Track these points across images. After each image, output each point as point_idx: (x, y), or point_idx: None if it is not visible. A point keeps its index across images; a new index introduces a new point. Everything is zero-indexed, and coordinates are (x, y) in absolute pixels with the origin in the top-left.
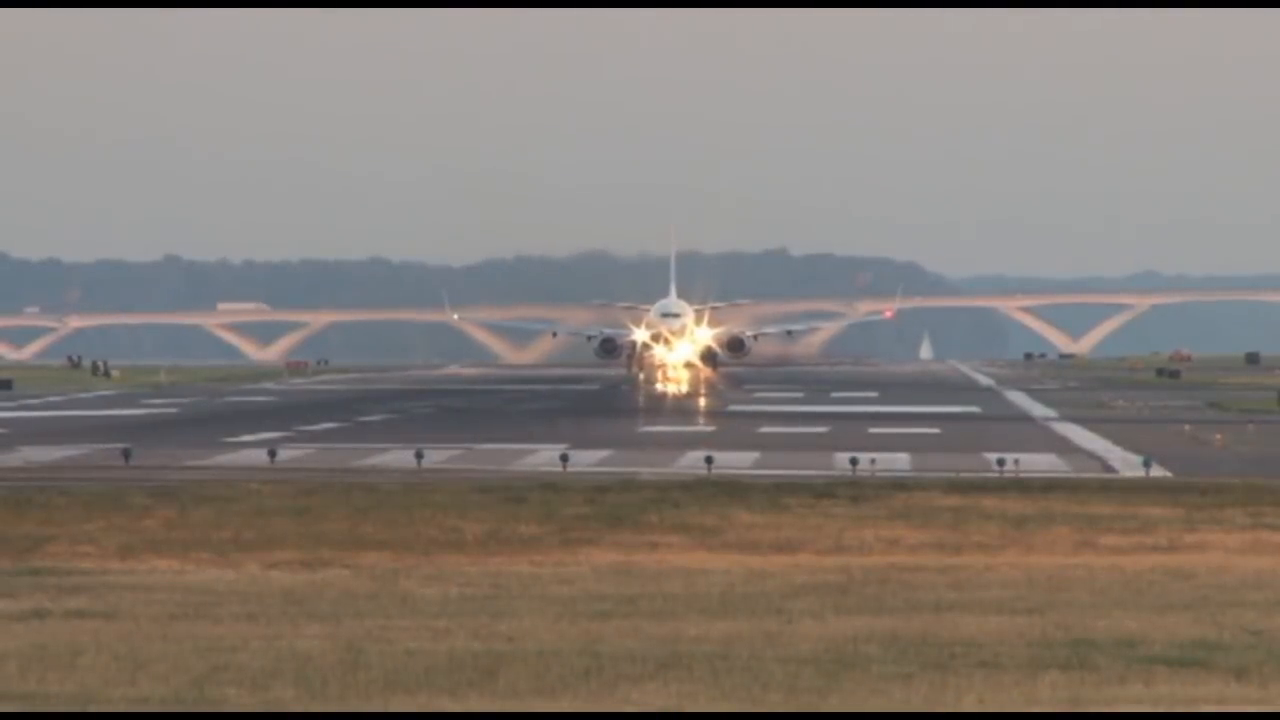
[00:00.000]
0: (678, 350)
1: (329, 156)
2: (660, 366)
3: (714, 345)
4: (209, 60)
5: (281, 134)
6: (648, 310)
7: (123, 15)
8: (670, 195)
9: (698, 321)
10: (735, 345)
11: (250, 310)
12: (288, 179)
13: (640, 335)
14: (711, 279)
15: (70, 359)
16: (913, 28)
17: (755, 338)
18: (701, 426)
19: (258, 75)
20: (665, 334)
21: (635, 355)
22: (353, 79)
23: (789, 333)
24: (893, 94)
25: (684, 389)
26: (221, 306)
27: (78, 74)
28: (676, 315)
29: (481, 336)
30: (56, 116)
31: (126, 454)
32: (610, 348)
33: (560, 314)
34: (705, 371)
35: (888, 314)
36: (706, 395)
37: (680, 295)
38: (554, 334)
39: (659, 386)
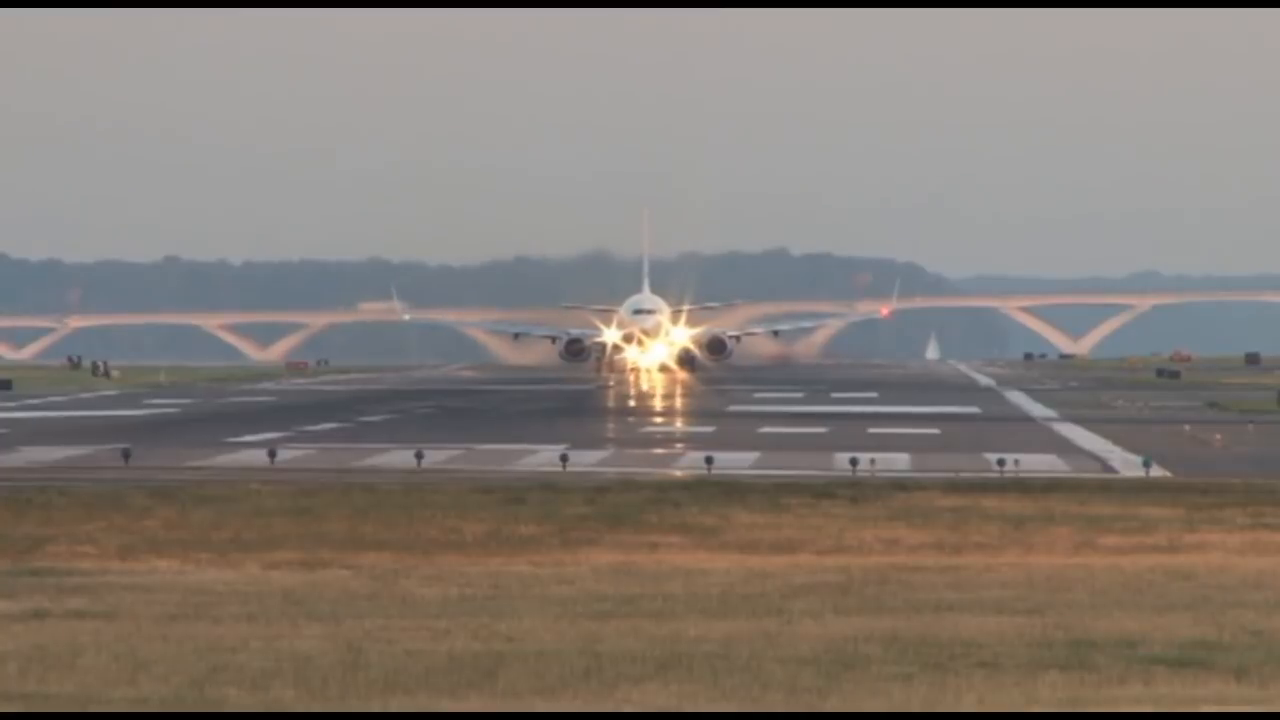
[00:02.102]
0: (652, 351)
1: (329, 157)
2: (633, 370)
3: (691, 347)
4: (209, 60)
5: (282, 134)
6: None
7: (123, 15)
8: (670, 195)
9: (674, 321)
10: (715, 346)
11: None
12: (288, 179)
13: (611, 336)
14: (688, 279)
15: (70, 359)
16: (913, 27)
17: (738, 339)
18: (701, 427)
19: (258, 75)
20: (638, 334)
21: (605, 358)
22: (354, 79)
23: (775, 333)
24: (893, 93)
25: (657, 393)
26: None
27: (78, 74)
28: (650, 311)
29: (481, 338)
30: (57, 116)
31: (126, 454)
32: (577, 349)
33: (537, 316)
34: (681, 375)
35: (884, 312)
36: (682, 401)
37: (677, 296)
38: (515, 336)
39: (630, 391)
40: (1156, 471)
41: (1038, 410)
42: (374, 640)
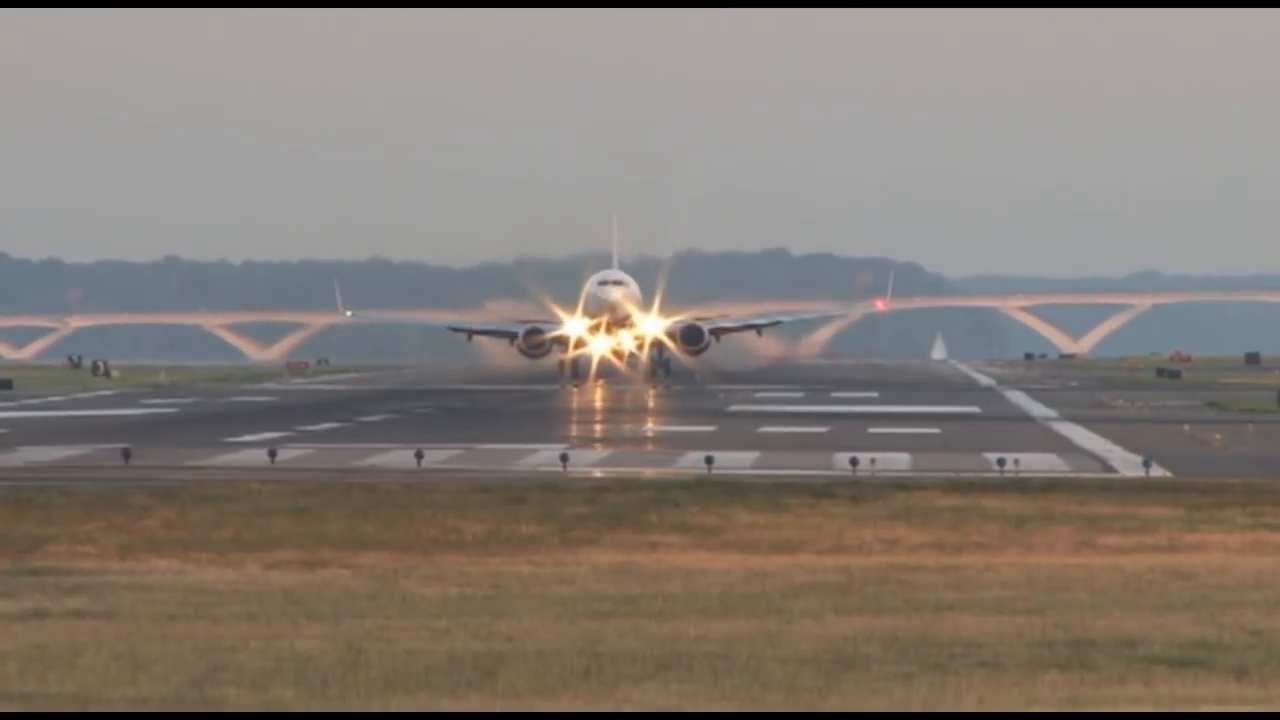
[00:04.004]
0: (621, 342)
1: (329, 156)
2: (599, 364)
3: (664, 338)
4: (209, 60)
5: (282, 134)
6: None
7: (123, 15)
8: (669, 195)
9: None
10: (691, 337)
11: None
12: (288, 179)
13: (575, 328)
14: (656, 277)
15: (70, 359)
16: (913, 27)
17: (717, 335)
18: (701, 426)
19: (258, 75)
20: (605, 318)
21: (568, 353)
22: (354, 80)
23: (758, 331)
24: (893, 94)
25: (622, 399)
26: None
27: (78, 74)
28: (617, 283)
29: (478, 339)
30: (57, 116)
31: (126, 454)
32: (537, 342)
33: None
34: (653, 373)
35: (880, 305)
36: (677, 402)
37: (677, 296)
38: (469, 337)
39: (593, 396)
40: (1156, 471)
41: (1038, 410)
42: (374, 640)
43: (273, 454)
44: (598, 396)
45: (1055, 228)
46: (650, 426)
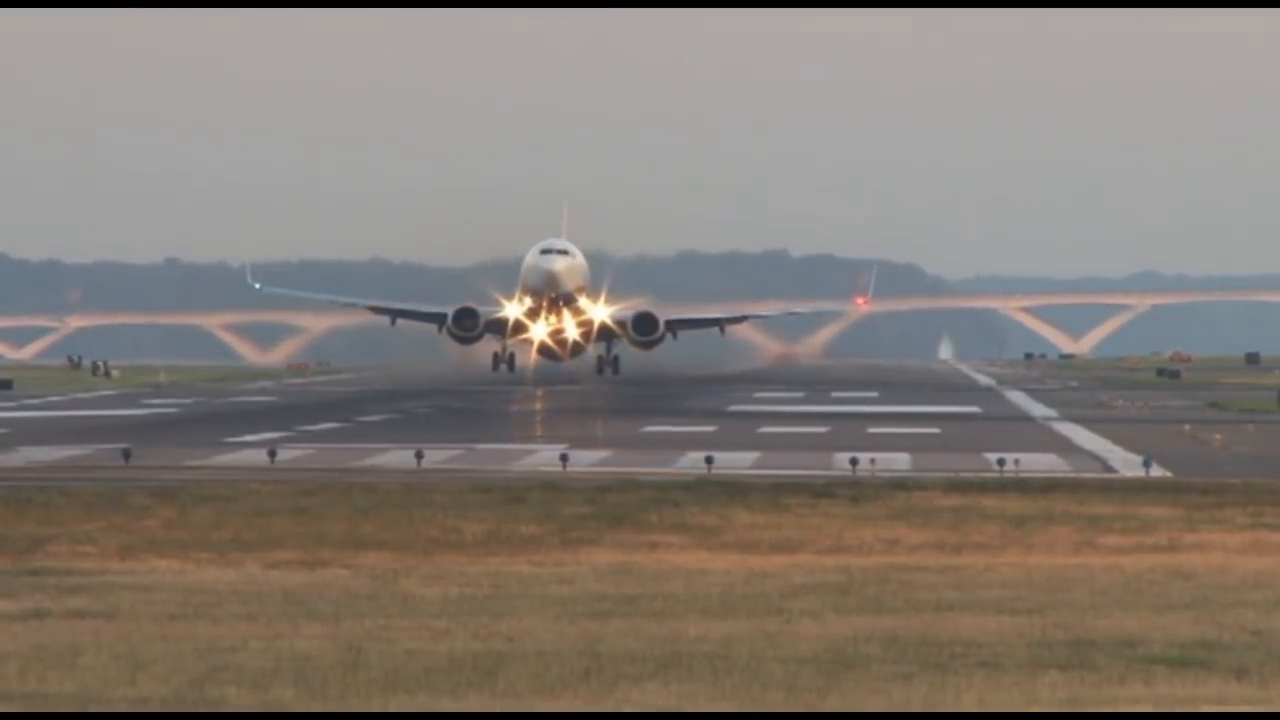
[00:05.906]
0: (564, 325)
1: (329, 158)
2: (539, 352)
3: (613, 325)
4: (209, 61)
5: (281, 136)
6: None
7: (123, 15)
8: (669, 195)
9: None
10: (643, 326)
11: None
12: (288, 181)
13: (513, 310)
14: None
15: (70, 359)
16: (913, 28)
17: (673, 328)
18: (701, 426)
19: (258, 76)
20: (546, 296)
21: (505, 340)
22: (353, 80)
23: (721, 330)
24: (893, 94)
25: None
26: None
27: (78, 75)
28: (562, 252)
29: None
30: (57, 117)
31: (126, 454)
32: (469, 326)
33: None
34: (600, 369)
35: (860, 303)
36: (676, 401)
37: (679, 296)
38: (393, 322)
39: (536, 401)
40: (1156, 471)
41: (1038, 410)
42: (374, 640)
43: (273, 454)
44: (590, 397)
45: (1055, 228)
46: (651, 426)
